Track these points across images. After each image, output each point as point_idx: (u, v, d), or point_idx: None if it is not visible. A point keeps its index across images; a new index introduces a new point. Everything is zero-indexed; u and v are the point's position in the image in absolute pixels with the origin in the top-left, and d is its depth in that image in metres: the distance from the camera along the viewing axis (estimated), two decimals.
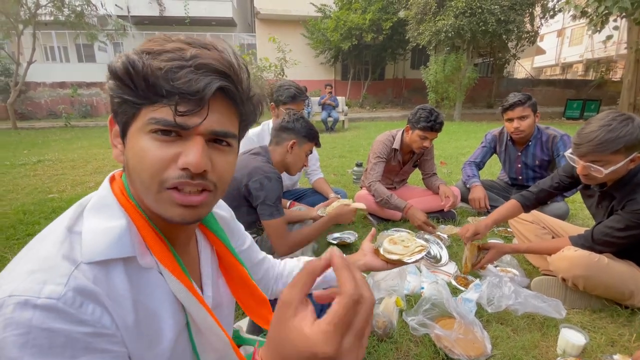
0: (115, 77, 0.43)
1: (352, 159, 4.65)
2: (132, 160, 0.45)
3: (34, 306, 0.37)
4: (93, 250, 0.44)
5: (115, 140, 0.49)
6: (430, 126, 2.14)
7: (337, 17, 12.03)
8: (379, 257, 0.96)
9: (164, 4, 14.29)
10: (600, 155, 1.24)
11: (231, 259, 0.65)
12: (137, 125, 0.44)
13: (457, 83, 9.97)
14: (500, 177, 2.75)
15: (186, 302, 0.52)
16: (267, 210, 1.40)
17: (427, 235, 1.95)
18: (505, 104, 2.29)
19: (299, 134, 1.53)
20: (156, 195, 0.45)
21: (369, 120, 10.87)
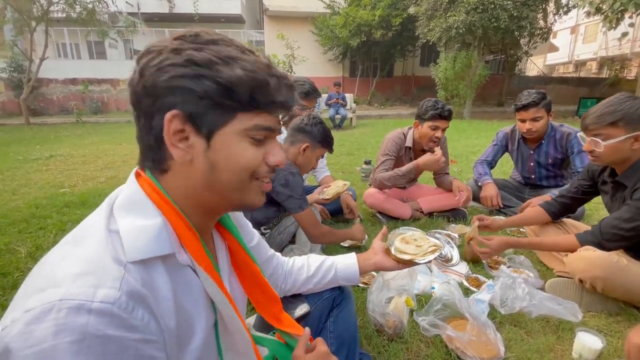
0: (226, 84, 0.45)
1: (360, 156, 4.61)
2: (225, 160, 0.48)
3: (89, 311, 0.35)
4: (134, 248, 0.43)
5: (174, 139, 0.46)
6: (438, 113, 2.10)
7: (346, 13, 11.93)
8: (390, 257, 0.94)
9: (173, 1, 14.36)
10: (600, 127, 1.31)
11: (244, 255, 0.64)
12: (233, 129, 0.47)
13: (467, 80, 9.82)
14: (512, 176, 2.70)
15: (218, 300, 0.52)
16: (296, 203, 1.46)
17: (438, 234, 1.91)
18: (519, 103, 2.21)
19: (314, 138, 1.54)
20: (248, 186, 0.52)
21: (377, 118, 10.80)
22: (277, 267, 0.89)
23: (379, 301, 1.33)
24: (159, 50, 0.46)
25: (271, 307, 0.72)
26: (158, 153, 0.48)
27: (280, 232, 1.83)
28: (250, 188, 0.52)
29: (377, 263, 0.95)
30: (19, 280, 1.70)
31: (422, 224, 2.27)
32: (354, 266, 0.95)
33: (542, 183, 2.45)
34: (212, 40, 0.47)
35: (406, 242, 0.96)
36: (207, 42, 0.46)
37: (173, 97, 0.45)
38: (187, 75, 0.44)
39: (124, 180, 0.53)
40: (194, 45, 0.45)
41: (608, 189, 1.49)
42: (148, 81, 0.45)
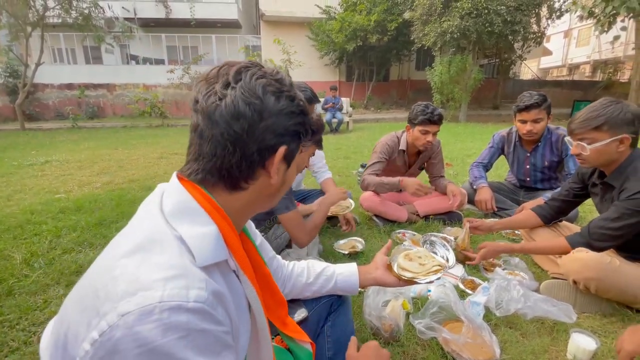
0: (313, 130, 0.62)
1: (356, 160, 4.63)
2: (290, 176, 0.61)
3: (187, 310, 0.40)
4: (202, 254, 0.47)
5: (278, 165, 0.56)
6: (427, 118, 2.13)
7: (342, 18, 12.03)
8: (392, 273, 0.93)
9: (170, 6, 14.40)
10: (584, 131, 1.35)
11: (257, 257, 0.66)
12: (300, 158, 0.59)
13: (462, 84, 9.91)
14: (508, 178, 2.72)
15: (255, 305, 0.56)
16: (282, 203, 1.43)
17: (434, 237, 1.92)
18: (521, 104, 2.22)
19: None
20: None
21: (374, 122, 10.85)
22: (277, 270, 0.89)
23: (375, 305, 1.34)
24: (276, 94, 0.53)
25: (279, 311, 0.73)
26: (239, 174, 0.54)
27: (277, 236, 1.83)
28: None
29: (378, 279, 0.95)
30: (14, 286, 1.68)
31: (418, 227, 2.28)
32: (354, 278, 0.96)
33: (537, 186, 2.48)
34: (292, 84, 0.57)
35: (410, 259, 0.95)
36: (291, 86, 0.57)
37: (288, 136, 0.55)
38: (302, 122, 0.57)
39: (120, 185, 0.54)
40: (292, 92, 0.56)
41: (598, 190, 1.52)
42: (276, 122, 0.53)
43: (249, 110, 0.50)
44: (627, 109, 1.32)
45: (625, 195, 1.31)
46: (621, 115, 1.30)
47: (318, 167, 2.32)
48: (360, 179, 3.03)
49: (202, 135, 0.51)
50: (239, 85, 0.51)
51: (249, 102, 0.50)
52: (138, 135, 8.30)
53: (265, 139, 0.53)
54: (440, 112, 2.17)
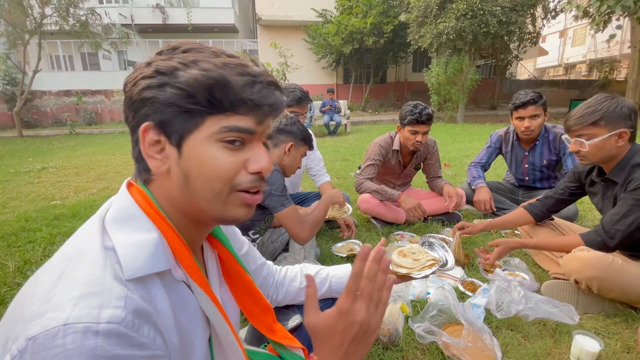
0: (192, 87, 0.43)
1: (354, 162, 4.62)
2: (199, 169, 0.45)
3: (96, 333, 0.35)
4: (133, 265, 0.42)
5: (151, 150, 0.46)
6: (415, 119, 2.12)
7: (338, 21, 12.07)
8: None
9: (167, 12, 14.48)
10: (581, 128, 1.34)
11: (236, 265, 0.63)
12: (203, 134, 0.45)
13: (459, 85, 9.93)
14: (506, 178, 2.70)
15: (212, 317, 0.51)
16: (277, 201, 1.41)
17: (433, 238, 1.90)
18: (517, 101, 2.22)
19: (296, 136, 1.54)
20: (226, 198, 0.47)
21: (372, 124, 10.85)
22: (267, 277, 0.86)
23: None
24: (138, 66, 0.47)
25: (264, 318, 0.69)
26: (142, 165, 0.48)
27: (274, 240, 1.81)
28: (230, 200, 0.47)
29: None
30: (7, 295, 1.65)
31: (417, 228, 2.26)
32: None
33: (536, 185, 2.46)
34: (187, 49, 0.47)
35: (403, 256, 0.93)
36: (182, 51, 0.46)
37: (145, 108, 0.45)
38: (153, 85, 0.44)
39: (116, 191, 0.52)
40: (165, 56, 0.46)
41: (598, 189, 1.49)
42: (127, 96, 0.46)
43: (124, 87, 0.47)
44: (623, 103, 1.31)
45: (632, 187, 1.29)
46: (617, 109, 1.30)
47: (316, 170, 2.30)
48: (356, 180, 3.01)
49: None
50: None
51: (125, 81, 0.47)
52: None
53: (132, 119, 0.47)
54: (429, 112, 2.15)
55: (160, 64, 0.44)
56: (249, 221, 1.46)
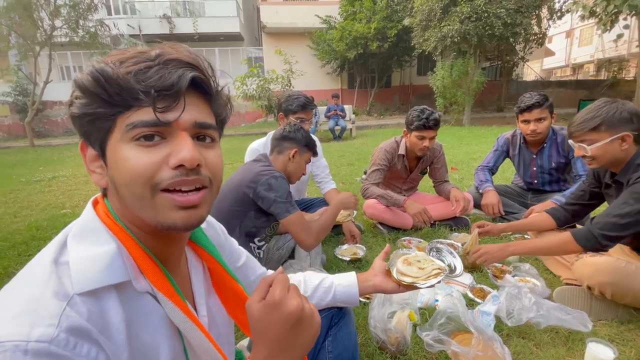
0: (85, 92, 0.42)
1: (360, 167, 4.61)
2: (118, 174, 0.43)
3: (25, 352, 0.34)
4: (84, 278, 0.41)
5: (92, 165, 0.47)
6: (422, 124, 2.11)
7: (342, 27, 12.15)
8: (391, 279, 0.90)
9: (173, 22, 14.72)
10: (583, 133, 1.35)
11: (225, 275, 0.62)
12: (116, 137, 0.42)
13: (465, 88, 9.87)
14: (514, 181, 2.67)
15: (182, 326, 0.49)
16: (282, 207, 1.40)
17: (441, 245, 1.88)
18: (522, 105, 2.19)
19: (300, 143, 1.55)
20: (151, 202, 0.43)
21: (377, 128, 10.84)
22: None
23: (380, 316, 1.29)
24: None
25: None
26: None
27: (279, 247, 1.80)
28: (156, 203, 0.43)
29: (377, 285, 0.91)
30: None
31: (424, 234, 2.23)
32: (353, 287, 0.91)
33: (545, 188, 2.42)
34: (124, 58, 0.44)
35: (408, 264, 0.92)
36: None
37: (76, 126, 0.45)
38: (69, 101, 0.44)
39: None
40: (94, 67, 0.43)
41: (612, 191, 1.47)
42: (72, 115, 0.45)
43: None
44: (623, 107, 1.30)
45: (632, 181, 1.27)
46: (617, 114, 1.29)
47: (321, 177, 2.30)
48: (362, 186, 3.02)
49: None
50: None
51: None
52: None
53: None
54: (436, 117, 2.14)
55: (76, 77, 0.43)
56: (253, 228, 1.48)
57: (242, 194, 1.42)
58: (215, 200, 1.50)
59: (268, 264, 1.75)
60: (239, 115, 13.64)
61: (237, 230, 1.44)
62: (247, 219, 1.44)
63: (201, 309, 0.58)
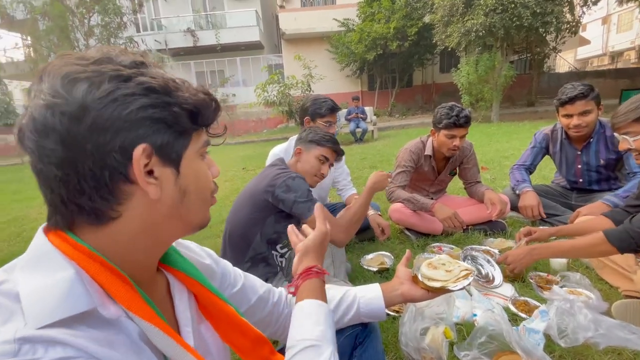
0: (188, 107, 0.45)
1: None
2: (197, 183, 0.49)
3: None
4: (41, 311, 0.36)
5: (145, 176, 0.42)
6: (452, 122, 1.96)
7: (361, 29, 12.07)
8: (419, 285, 0.83)
9: (197, 35, 15.26)
10: (626, 125, 1.27)
11: (213, 299, 0.57)
12: (193, 150, 0.47)
13: (492, 83, 9.44)
14: (555, 180, 2.44)
15: (164, 346, 0.44)
16: (303, 207, 1.33)
17: (475, 252, 1.72)
18: (563, 97, 1.97)
19: (304, 140, 1.49)
20: (208, 204, 0.52)
21: (399, 128, 10.60)
22: (277, 305, 0.78)
23: (412, 333, 1.18)
24: (91, 80, 0.39)
25: (259, 351, 0.62)
26: (93, 203, 0.41)
27: None
28: (208, 205, 0.53)
29: (405, 294, 0.84)
30: None
31: (456, 239, 2.08)
32: (378, 300, 0.84)
33: (593, 187, 2.18)
34: (137, 62, 0.44)
35: (433, 267, 0.85)
36: (135, 64, 0.44)
37: (140, 130, 0.41)
38: (154, 104, 0.42)
39: None
40: (133, 71, 0.42)
41: None
42: (101, 116, 0.39)
43: (52, 116, 0.37)
44: None
45: None
46: None
47: (343, 184, 2.22)
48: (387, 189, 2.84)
49: (34, 171, 0.41)
50: (40, 89, 0.39)
51: (50, 105, 0.38)
52: None
53: (101, 144, 0.39)
54: (467, 114, 1.99)
55: (150, 81, 0.42)
56: (274, 234, 1.42)
57: (261, 200, 1.37)
58: (235, 207, 1.43)
59: (290, 273, 1.68)
60: (260, 121, 13.84)
61: (258, 237, 1.38)
62: (267, 225, 1.39)
63: (187, 337, 0.52)
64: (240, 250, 1.38)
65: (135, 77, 0.41)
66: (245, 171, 5.70)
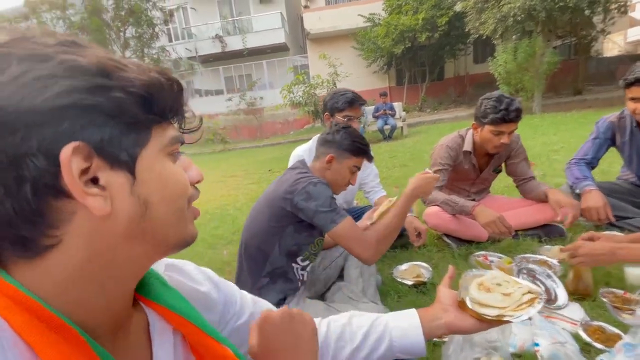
0: (139, 91, 0.34)
1: (415, 167, 4.20)
2: (160, 190, 0.37)
3: None
4: None
5: (81, 185, 0.30)
6: (501, 117, 1.69)
7: (387, 22, 11.72)
8: (467, 312, 0.65)
9: (225, 41, 15.64)
10: None
11: (208, 342, 0.45)
12: (155, 149, 0.36)
13: (533, 71, 8.71)
14: (622, 176, 2.09)
15: None
16: (326, 217, 1.14)
17: (532, 264, 1.47)
18: (630, 77, 1.66)
19: (339, 147, 1.29)
20: (185, 215, 0.40)
21: (431, 124, 10.14)
22: None
23: None
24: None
25: None
26: (27, 225, 0.30)
27: (326, 266, 1.57)
28: (187, 217, 0.41)
29: (450, 324, 0.66)
30: None
31: (504, 247, 1.81)
32: (415, 331, 0.67)
33: None
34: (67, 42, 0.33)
35: (487, 290, 0.67)
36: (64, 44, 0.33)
37: (64, 123, 0.30)
38: (84, 88, 0.31)
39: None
40: (55, 49, 0.31)
41: None
42: (4, 108, 0.28)
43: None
44: None
45: None
46: None
47: (371, 186, 2.01)
48: None
49: None
50: None
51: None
52: (203, 162, 8.88)
53: (9, 148, 0.28)
54: (518, 106, 1.71)
55: (77, 59, 0.31)
56: (294, 245, 1.26)
57: (279, 207, 1.22)
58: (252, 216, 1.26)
59: (314, 287, 1.53)
60: (287, 123, 13.89)
61: (277, 249, 1.24)
62: (287, 236, 1.23)
63: None
64: (257, 263, 1.24)
65: (57, 55, 0.31)
66: (271, 173, 5.65)
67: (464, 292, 0.68)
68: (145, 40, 11.52)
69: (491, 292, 0.66)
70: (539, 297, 0.64)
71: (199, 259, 2.21)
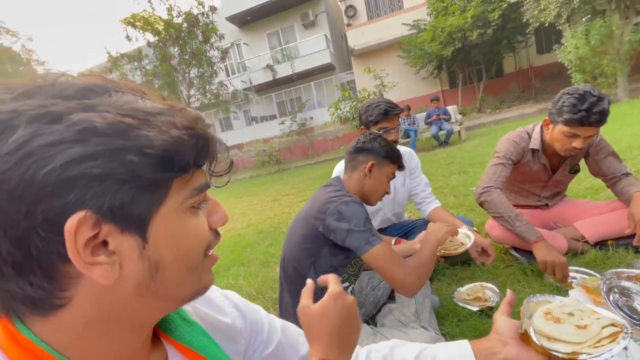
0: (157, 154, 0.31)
1: (475, 174, 3.86)
2: (173, 250, 0.35)
3: None
4: None
5: (89, 254, 0.30)
6: (578, 119, 1.39)
7: (433, 26, 11.34)
8: (532, 347, 0.56)
9: (275, 69, 16.67)
10: None
11: None
12: (174, 205, 0.34)
13: (612, 53, 7.58)
14: None
15: None
16: (360, 239, 1.07)
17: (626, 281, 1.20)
18: None
19: (378, 154, 1.24)
20: (200, 268, 0.38)
21: (492, 125, 9.33)
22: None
23: None
24: (5, 125, 0.28)
25: None
26: (36, 289, 0.31)
27: (374, 286, 1.48)
28: (204, 268, 0.39)
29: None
30: None
31: (589, 261, 1.52)
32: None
33: None
34: (88, 89, 0.32)
35: (555, 320, 0.56)
36: (84, 93, 0.31)
37: (70, 194, 0.28)
38: (95, 155, 0.29)
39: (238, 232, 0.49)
40: (71, 104, 0.30)
41: None
42: (8, 181, 0.27)
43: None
44: None
45: None
46: None
47: (422, 197, 1.85)
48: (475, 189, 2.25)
49: None
50: None
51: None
52: (259, 182, 9.37)
53: (15, 221, 0.28)
54: (604, 108, 1.38)
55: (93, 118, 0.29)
56: (331, 268, 1.20)
57: (311, 227, 1.17)
58: (289, 234, 1.25)
59: (363, 309, 1.45)
60: (337, 139, 14.04)
61: (312, 272, 1.19)
62: (322, 258, 1.18)
63: None
64: (296, 285, 1.21)
65: (70, 115, 0.29)
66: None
67: (526, 322, 0.58)
68: (206, 78, 12.88)
69: (561, 323, 0.55)
70: (624, 331, 0.51)
71: (252, 278, 2.28)
